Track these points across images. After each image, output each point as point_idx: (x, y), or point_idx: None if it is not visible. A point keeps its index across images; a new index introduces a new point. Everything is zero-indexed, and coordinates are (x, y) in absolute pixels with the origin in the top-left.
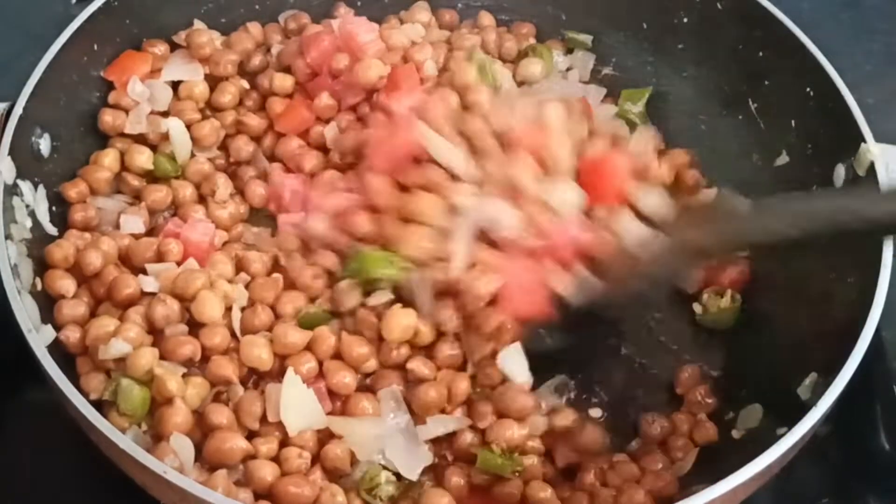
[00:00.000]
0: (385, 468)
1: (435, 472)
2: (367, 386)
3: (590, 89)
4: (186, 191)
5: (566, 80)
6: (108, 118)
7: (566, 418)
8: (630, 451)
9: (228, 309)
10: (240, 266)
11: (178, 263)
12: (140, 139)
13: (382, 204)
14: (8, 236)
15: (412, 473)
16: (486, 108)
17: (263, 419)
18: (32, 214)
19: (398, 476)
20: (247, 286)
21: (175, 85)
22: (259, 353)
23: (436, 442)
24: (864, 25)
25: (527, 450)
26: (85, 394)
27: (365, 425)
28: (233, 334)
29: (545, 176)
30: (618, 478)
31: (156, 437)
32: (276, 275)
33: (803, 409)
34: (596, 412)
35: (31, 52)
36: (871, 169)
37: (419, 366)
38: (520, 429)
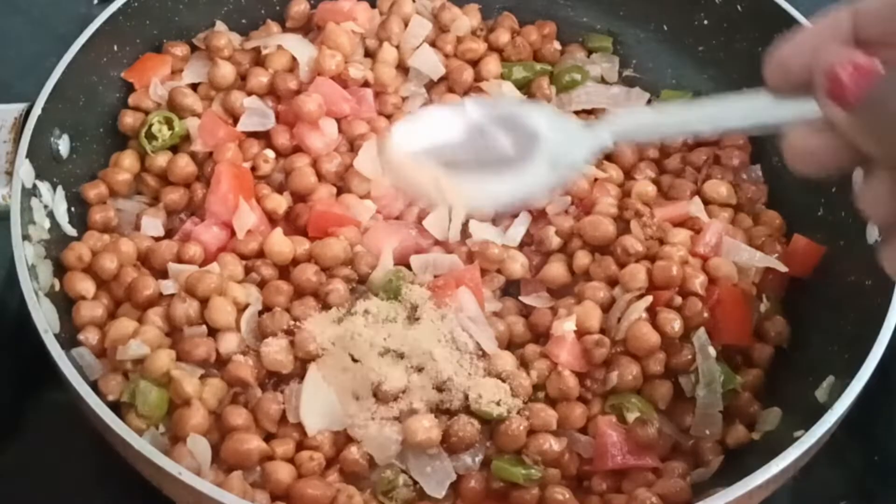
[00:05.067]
0: (403, 472)
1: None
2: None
3: (633, 93)
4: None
5: (606, 86)
6: (128, 119)
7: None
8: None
9: (241, 310)
10: (249, 268)
11: (200, 267)
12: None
13: None
14: (26, 237)
15: (438, 491)
16: None
17: (281, 421)
18: (51, 215)
19: (415, 479)
20: (258, 286)
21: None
22: (280, 357)
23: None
24: None
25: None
26: (103, 395)
27: (384, 431)
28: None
29: None
30: (631, 484)
31: (173, 439)
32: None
33: (821, 411)
34: None
35: (54, 53)
36: None
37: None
38: (557, 443)
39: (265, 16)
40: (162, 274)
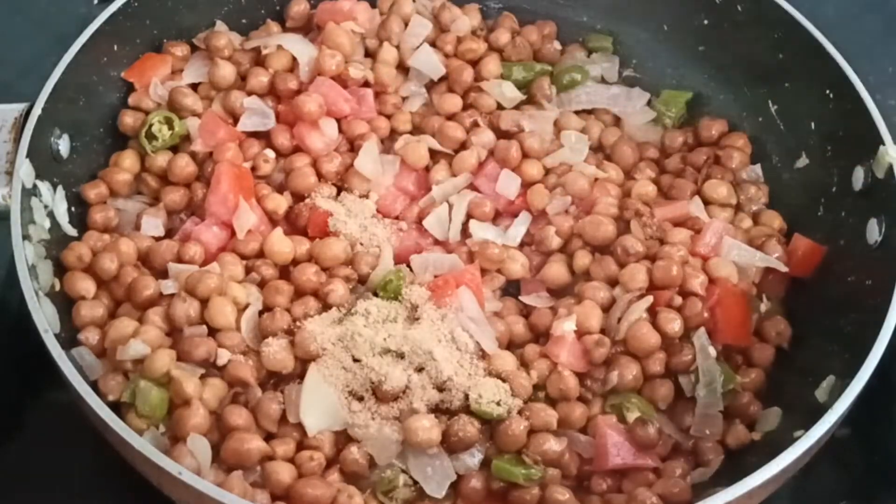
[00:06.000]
0: (403, 472)
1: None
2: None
3: (633, 93)
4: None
5: (606, 86)
6: (128, 119)
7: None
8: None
9: (241, 310)
10: (249, 268)
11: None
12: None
13: None
14: (26, 237)
15: (438, 491)
16: None
17: (281, 421)
18: (51, 215)
19: (415, 479)
20: (259, 286)
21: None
22: (280, 357)
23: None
24: (888, 28)
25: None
26: (103, 395)
27: (384, 431)
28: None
29: None
30: (631, 484)
31: (174, 439)
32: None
33: (821, 411)
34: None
35: (54, 53)
36: (890, 171)
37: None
38: (557, 444)
39: (265, 16)
40: (162, 274)
